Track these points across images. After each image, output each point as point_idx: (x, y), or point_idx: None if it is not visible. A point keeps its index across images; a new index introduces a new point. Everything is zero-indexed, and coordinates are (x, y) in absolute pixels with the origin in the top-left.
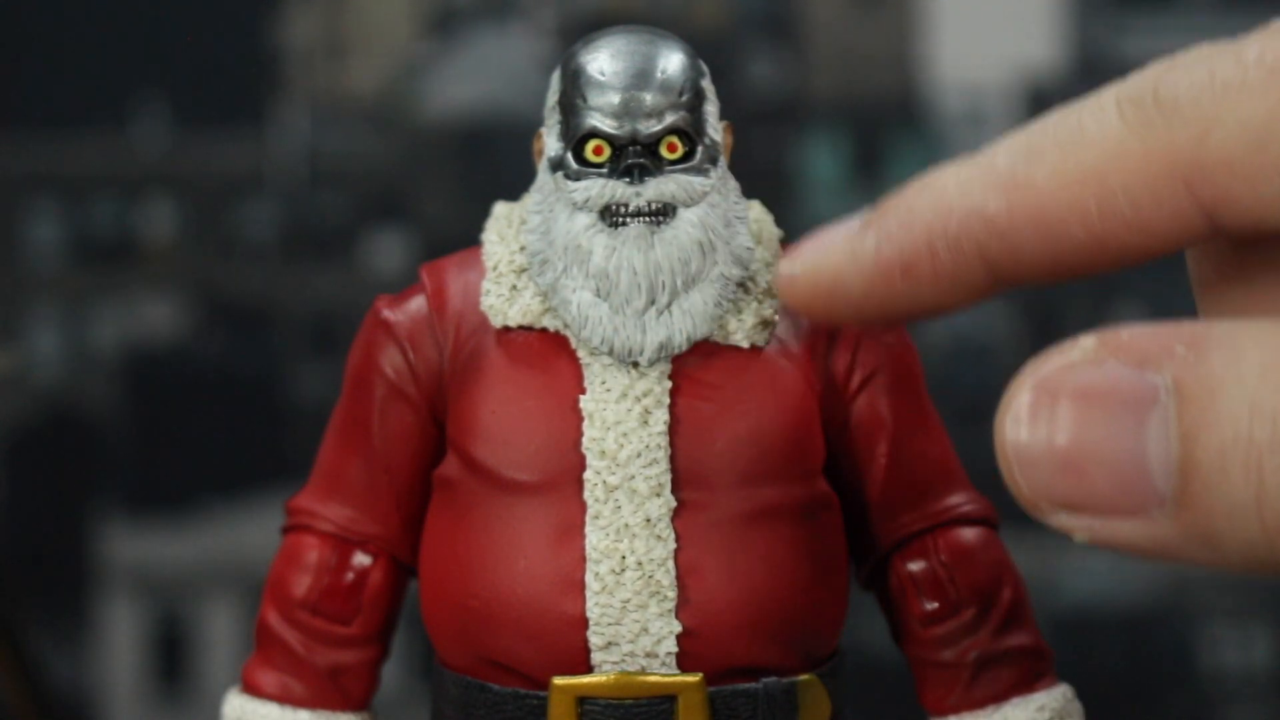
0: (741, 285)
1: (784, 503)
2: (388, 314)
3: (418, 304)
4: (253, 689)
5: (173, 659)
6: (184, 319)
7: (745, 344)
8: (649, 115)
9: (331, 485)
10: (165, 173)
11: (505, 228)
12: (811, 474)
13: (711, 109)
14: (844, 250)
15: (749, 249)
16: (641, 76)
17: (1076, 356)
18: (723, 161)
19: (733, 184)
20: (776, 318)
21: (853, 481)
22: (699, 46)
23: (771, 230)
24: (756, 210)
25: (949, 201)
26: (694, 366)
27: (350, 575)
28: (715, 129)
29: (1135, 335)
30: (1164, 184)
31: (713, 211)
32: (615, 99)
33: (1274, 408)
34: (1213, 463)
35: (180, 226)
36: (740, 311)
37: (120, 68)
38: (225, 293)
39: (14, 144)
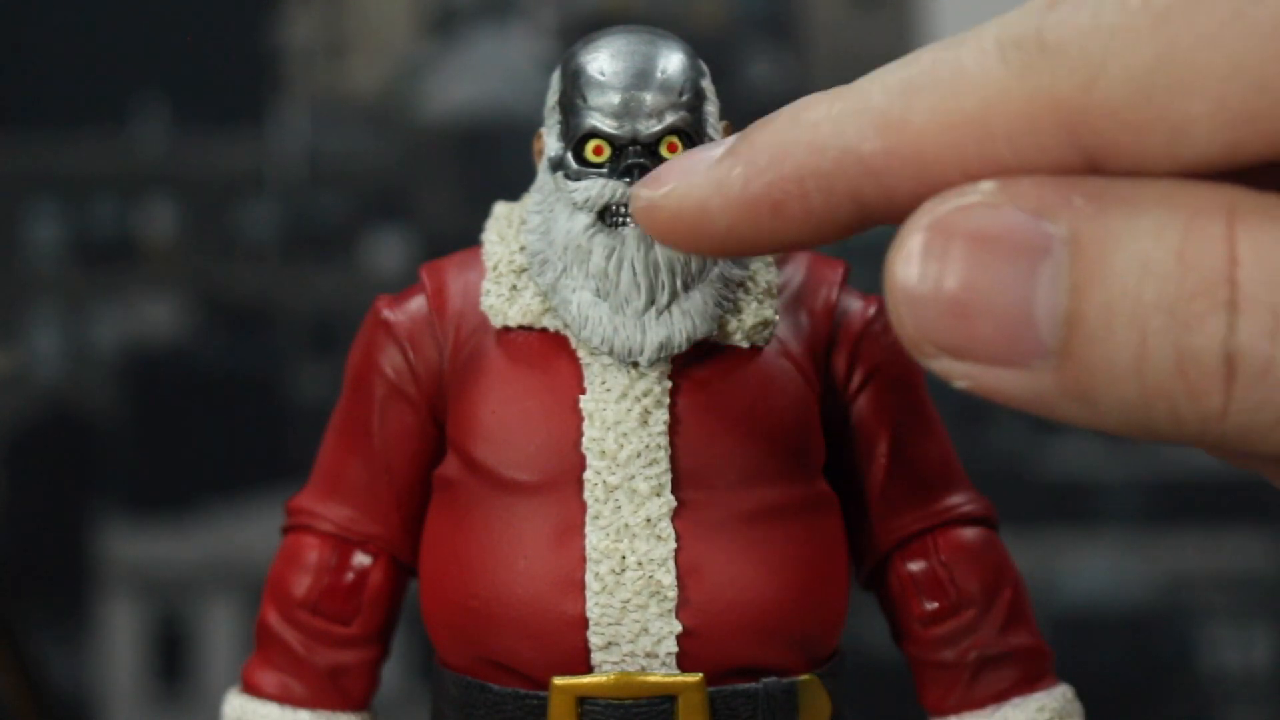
0: (741, 285)
1: (784, 502)
2: (388, 314)
3: (418, 304)
4: (253, 689)
5: (173, 659)
6: (184, 319)
7: (745, 344)
8: (649, 115)
9: (331, 485)
10: (165, 173)
11: (505, 228)
12: (811, 474)
13: (712, 109)
14: (709, 180)
15: None
16: (642, 76)
17: (974, 199)
18: None
19: None
20: (776, 318)
21: (853, 481)
22: (699, 46)
23: None
24: None
25: (822, 139)
26: (694, 367)
27: (350, 575)
28: (716, 129)
29: (1035, 183)
30: (1047, 130)
31: None
32: (615, 99)
33: (1164, 267)
34: (1098, 318)
35: (180, 226)
36: (740, 311)
37: (120, 68)
38: (225, 293)
39: (14, 144)
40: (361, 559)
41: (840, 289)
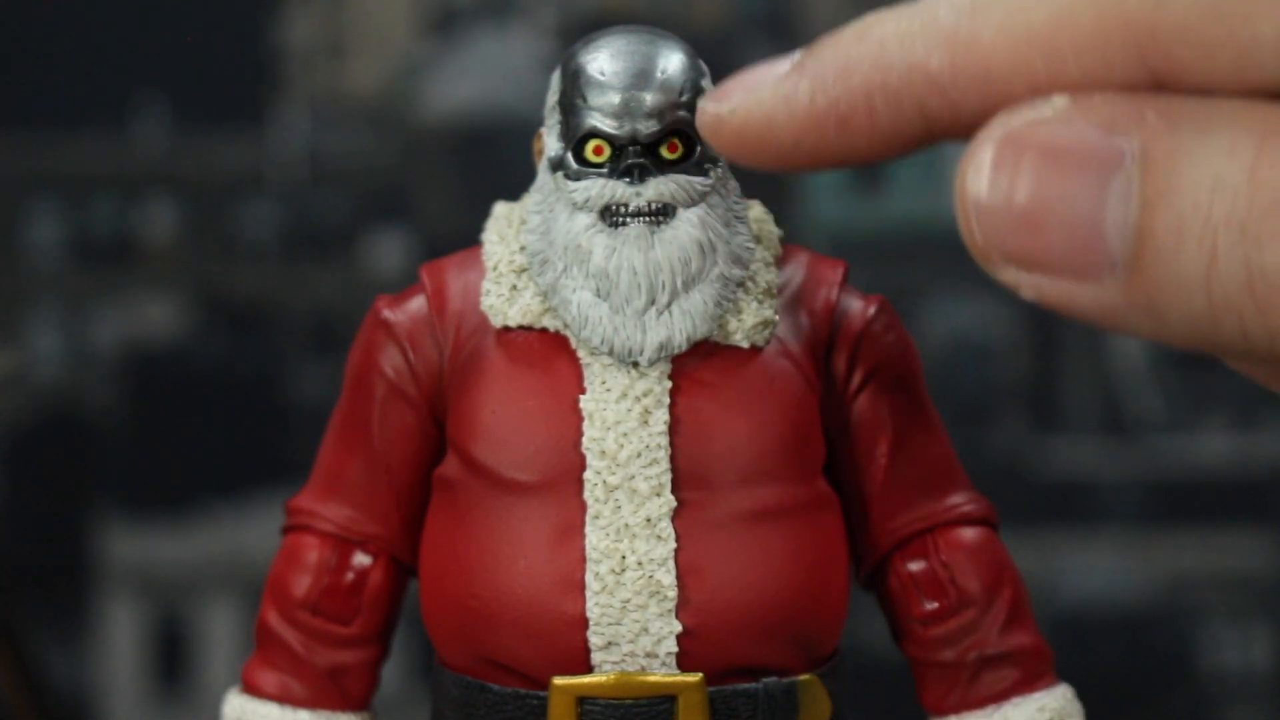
0: (741, 285)
1: (784, 502)
2: (388, 314)
3: (418, 304)
4: (253, 689)
5: (173, 659)
6: (184, 319)
7: (745, 344)
8: (649, 115)
9: (331, 485)
10: (165, 173)
11: (505, 228)
12: (812, 474)
13: None
14: (775, 95)
15: (749, 248)
16: (642, 77)
17: (1047, 113)
18: (723, 162)
19: (733, 184)
20: (777, 318)
21: (853, 481)
22: (699, 46)
23: (771, 230)
24: (756, 210)
25: (889, 55)
26: (694, 366)
27: (350, 575)
28: None
29: (1108, 99)
30: (1115, 49)
31: (713, 212)
32: (615, 99)
33: (1235, 184)
34: (1168, 232)
35: (180, 226)
36: (740, 311)
37: (120, 68)
38: (225, 293)
39: (14, 144)
40: (361, 559)
41: (840, 289)
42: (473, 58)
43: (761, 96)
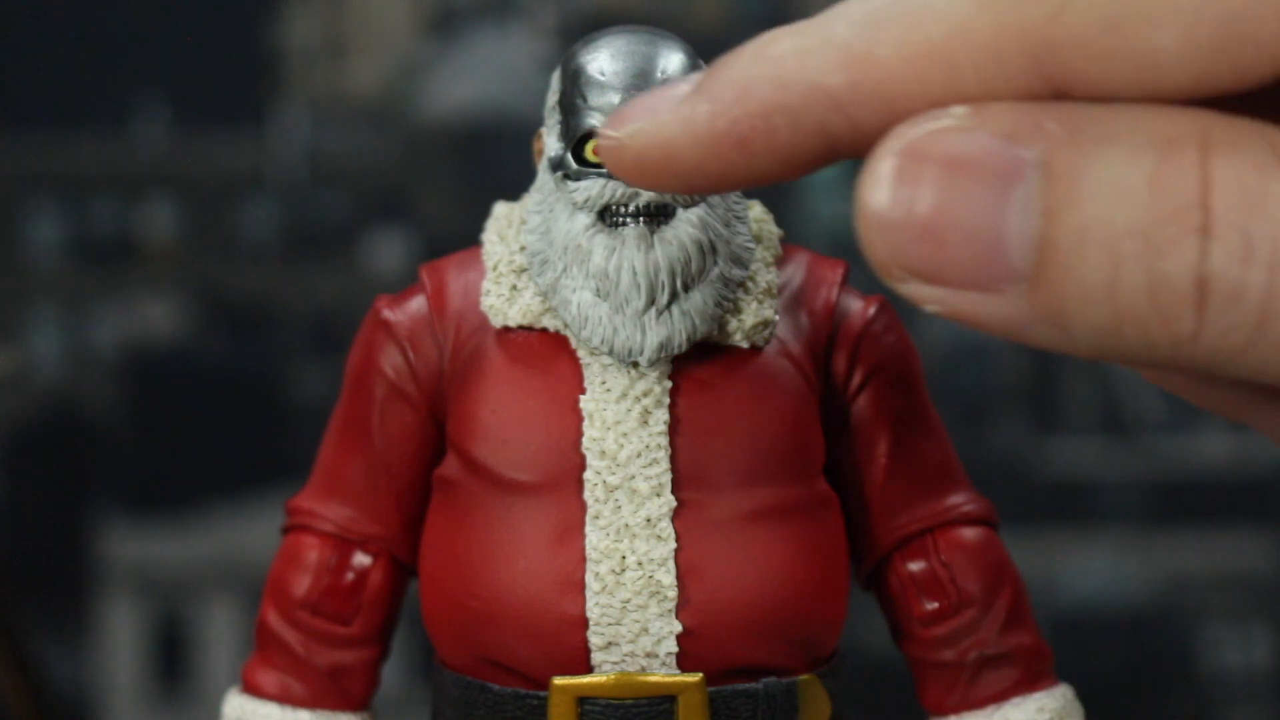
0: (741, 285)
1: (784, 502)
2: (388, 314)
3: (418, 304)
4: (253, 689)
5: (173, 659)
6: (184, 319)
7: (745, 344)
8: None
9: (331, 485)
10: (165, 173)
11: (505, 228)
12: (811, 474)
13: None
14: (675, 118)
15: (749, 249)
16: (642, 76)
17: (946, 123)
18: None
19: None
20: (776, 318)
21: (853, 481)
22: (699, 46)
23: (771, 230)
24: (756, 210)
25: (787, 73)
26: (694, 367)
27: (350, 575)
28: None
29: (1008, 108)
30: (1013, 61)
31: (712, 212)
32: (615, 99)
33: (1137, 192)
34: (1071, 242)
35: (180, 226)
36: (740, 312)
37: (120, 68)
38: (225, 293)
39: (14, 144)
40: (361, 559)
41: (840, 289)
42: (473, 58)
43: (661, 120)
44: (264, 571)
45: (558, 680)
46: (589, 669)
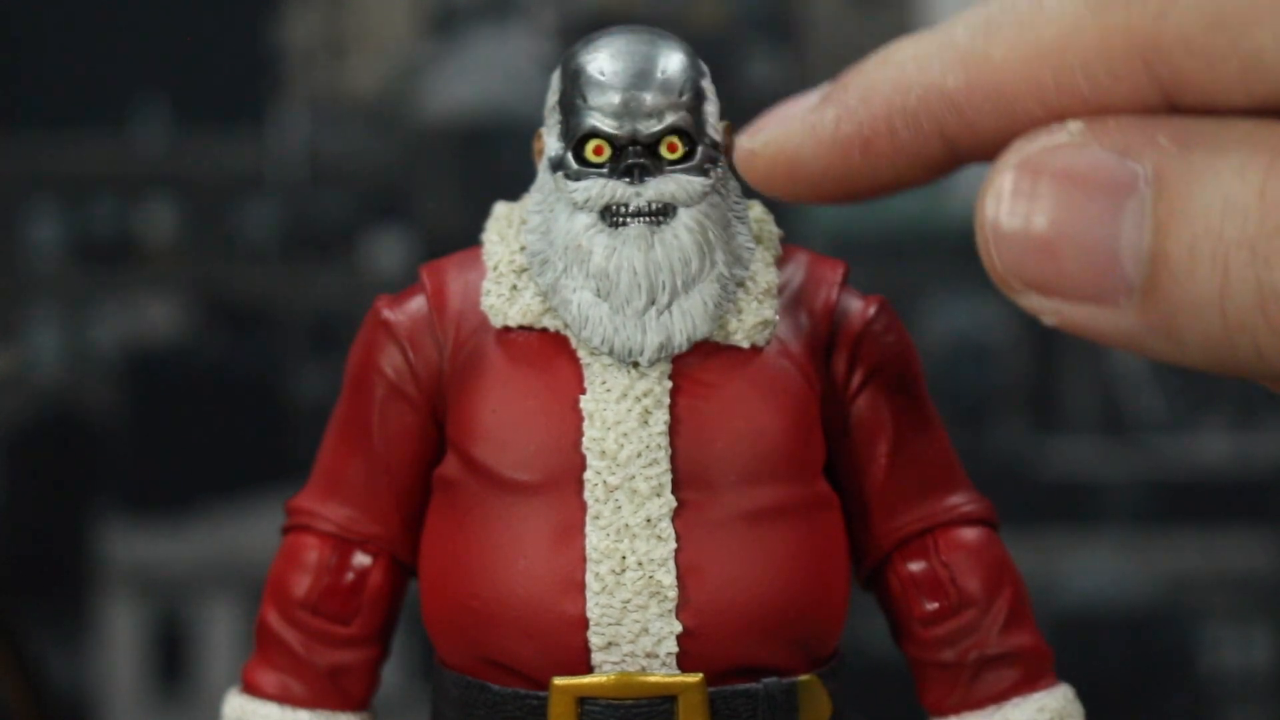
0: (741, 285)
1: (784, 503)
2: (388, 314)
3: (418, 304)
4: (252, 689)
5: (173, 659)
6: (184, 319)
7: (745, 344)
8: (649, 115)
9: (331, 485)
10: (165, 173)
11: (505, 228)
12: (811, 474)
13: (711, 109)
14: (803, 126)
15: (749, 249)
16: (642, 76)
17: (1062, 139)
18: (723, 161)
19: (733, 184)
20: (777, 318)
21: (853, 481)
22: (699, 46)
23: (771, 230)
24: (757, 210)
25: (908, 77)
26: (694, 367)
27: (350, 575)
28: (715, 129)
29: (1121, 122)
30: (1122, 62)
31: (713, 212)
32: (615, 99)
33: (1246, 204)
34: (1182, 255)
35: (180, 226)
36: (740, 311)
37: (120, 68)
38: (225, 293)
39: (14, 144)
40: (361, 559)
41: (840, 289)
42: (473, 58)
43: (790, 128)
44: (264, 572)
45: (558, 680)
46: (589, 669)
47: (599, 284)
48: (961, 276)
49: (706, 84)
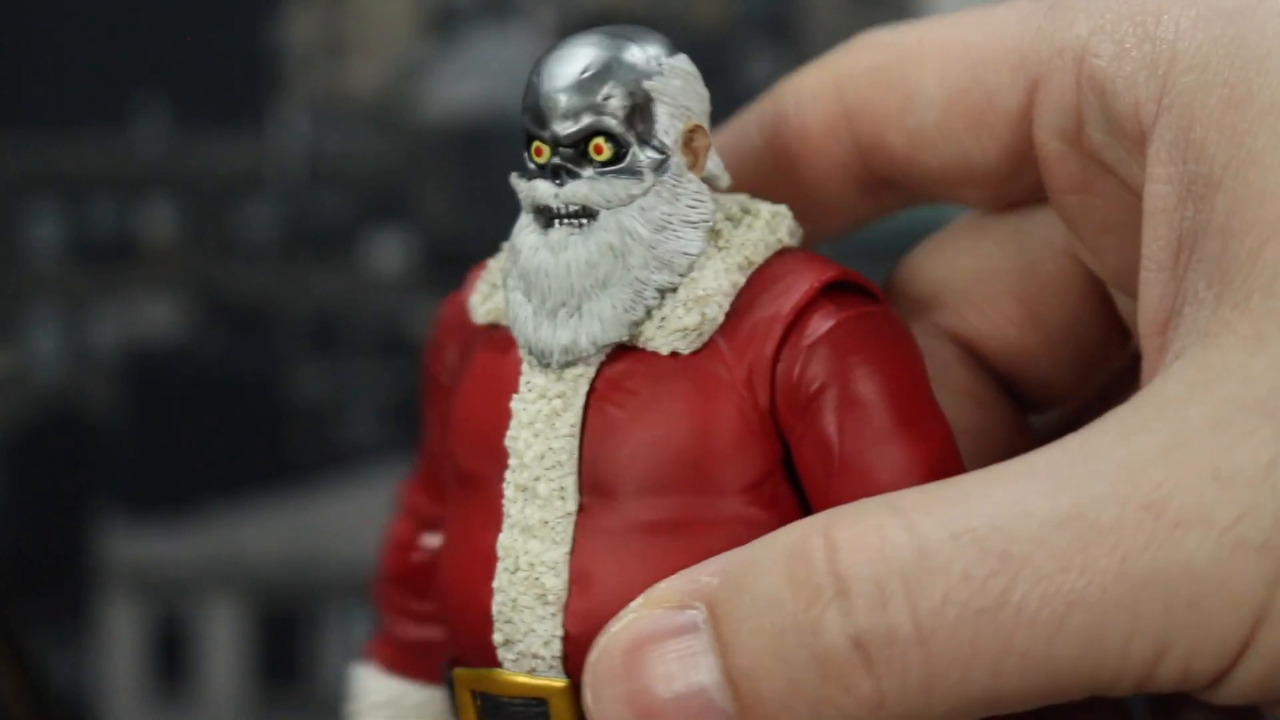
0: (672, 290)
1: (688, 517)
2: (442, 307)
3: (459, 299)
4: (365, 654)
5: (173, 659)
6: (184, 319)
7: (665, 350)
8: (565, 117)
9: (416, 468)
10: (165, 173)
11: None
12: (728, 491)
13: (666, 110)
14: None
15: (687, 254)
16: (563, 78)
17: (627, 618)
18: (677, 163)
19: (691, 186)
20: (707, 325)
21: (812, 501)
22: (699, 46)
23: (755, 238)
24: (764, 215)
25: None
26: (617, 372)
27: (420, 555)
28: (669, 131)
29: (671, 582)
30: (829, 94)
31: (641, 215)
32: (537, 101)
33: (780, 593)
34: (748, 665)
35: (180, 226)
36: (662, 318)
37: (120, 68)
38: (225, 293)
39: (14, 144)
40: (430, 540)
41: (804, 300)
42: (473, 58)
43: None
44: (264, 571)
45: (457, 670)
46: (499, 664)
47: (524, 284)
48: None
49: (660, 83)
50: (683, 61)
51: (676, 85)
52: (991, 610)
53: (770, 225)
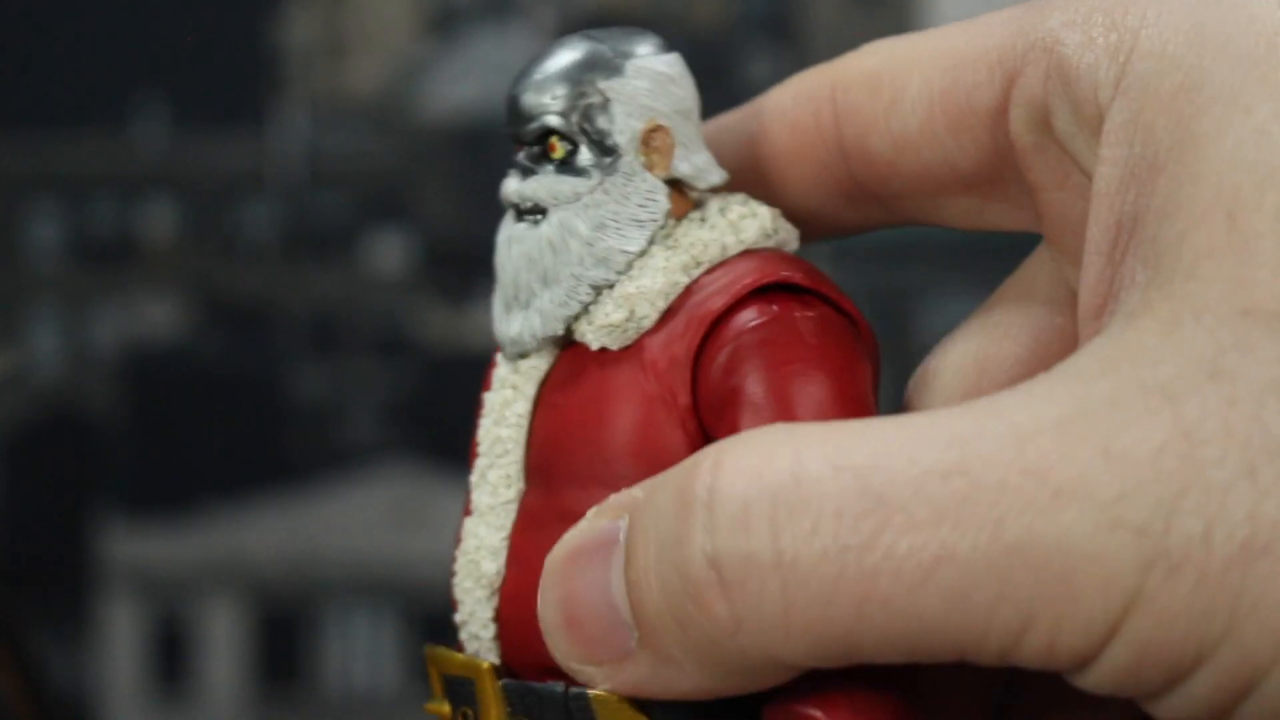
0: (608, 286)
1: None
2: None
3: None
4: None
5: (173, 659)
6: (184, 319)
7: (595, 346)
8: (523, 117)
9: None
10: (165, 173)
11: None
12: None
13: (623, 110)
14: None
15: (626, 252)
16: (525, 78)
17: (581, 524)
18: (629, 163)
19: (644, 186)
20: (634, 323)
21: None
22: (699, 46)
23: (710, 238)
24: (732, 213)
25: None
26: (565, 365)
27: None
28: (625, 131)
29: (616, 495)
30: (824, 100)
31: (584, 213)
32: (508, 102)
33: (668, 508)
34: (638, 580)
35: (180, 226)
36: (592, 314)
37: (120, 68)
38: (225, 293)
39: (14, 144)
40: None
41: (737, 297)
42: (473, 58)
43: None
44: (264, 571)
45: (427, 648)
46: (460, 643)
47: (498, 278)
48: (961, 276)
49: (618, 84)
50: (661, 63)
51: (639, 86)
52: (858, 550)
53: (735, 226)
